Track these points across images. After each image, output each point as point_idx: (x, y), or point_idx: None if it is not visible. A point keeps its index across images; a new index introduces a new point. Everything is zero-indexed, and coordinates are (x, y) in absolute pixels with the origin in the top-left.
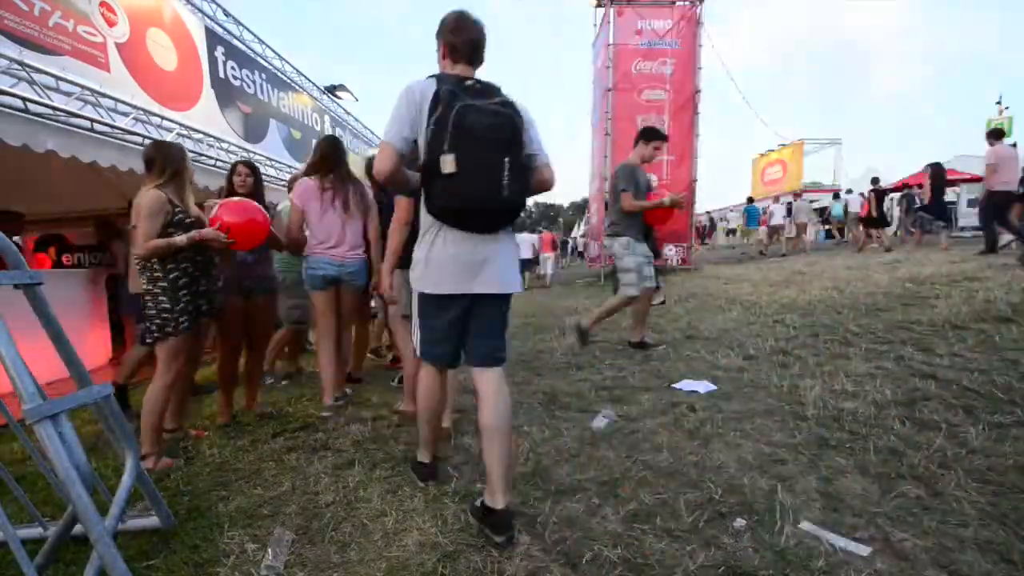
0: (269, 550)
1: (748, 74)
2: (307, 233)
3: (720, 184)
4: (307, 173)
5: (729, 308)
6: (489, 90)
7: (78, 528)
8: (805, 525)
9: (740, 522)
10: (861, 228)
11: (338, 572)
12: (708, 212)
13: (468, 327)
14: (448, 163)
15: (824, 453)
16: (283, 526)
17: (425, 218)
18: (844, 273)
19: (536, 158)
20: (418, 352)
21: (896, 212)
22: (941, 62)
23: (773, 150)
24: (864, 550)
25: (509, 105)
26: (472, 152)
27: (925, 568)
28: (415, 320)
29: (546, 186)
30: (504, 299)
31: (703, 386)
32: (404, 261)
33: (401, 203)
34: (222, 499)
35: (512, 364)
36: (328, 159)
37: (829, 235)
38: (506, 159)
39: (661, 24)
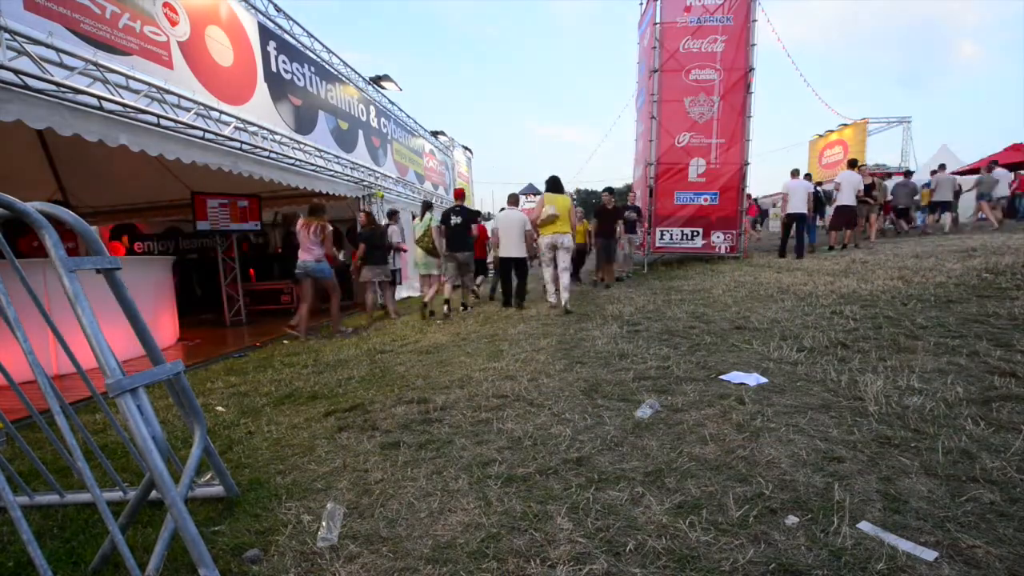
0: (323, 523)
1: (807, 49)
2: None
3: (775, 168)
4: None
5: (781, 298)
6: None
7: (153, 493)
8: (864, 526)
9: (792, 519)
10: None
11: (387, 546)
12: (754, 197)
13: None
14: None
15: (886, 452)
16: (335, 501)
17: None
18: (911, 262)
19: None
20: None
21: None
22: None
23: (833, 130)
24: (930, 555)
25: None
26: None
27: None
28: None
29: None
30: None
31: (753, 378)
32: None
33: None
34: (279, 473)
35: (552, 352)
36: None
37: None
38: None
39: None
